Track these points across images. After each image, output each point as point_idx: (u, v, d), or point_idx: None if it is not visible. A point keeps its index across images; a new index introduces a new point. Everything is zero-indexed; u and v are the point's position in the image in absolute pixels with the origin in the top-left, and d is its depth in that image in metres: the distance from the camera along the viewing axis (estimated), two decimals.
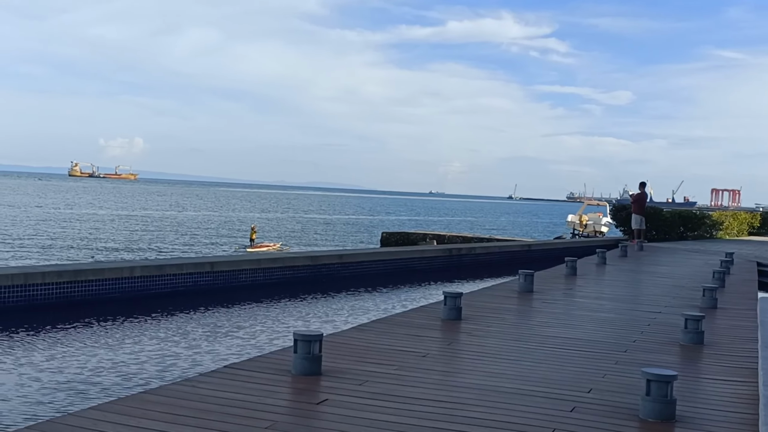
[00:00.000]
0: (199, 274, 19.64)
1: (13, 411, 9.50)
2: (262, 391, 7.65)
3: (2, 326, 14.44)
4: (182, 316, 16.75)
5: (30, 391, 10.41)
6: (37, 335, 14.14)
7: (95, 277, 17.42)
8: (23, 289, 16.17)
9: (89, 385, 10.80)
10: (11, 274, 16.29)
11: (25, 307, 16.02)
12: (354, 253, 26.71)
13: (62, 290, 16.82)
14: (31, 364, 11.88)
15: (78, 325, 15.07)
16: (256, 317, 17.20)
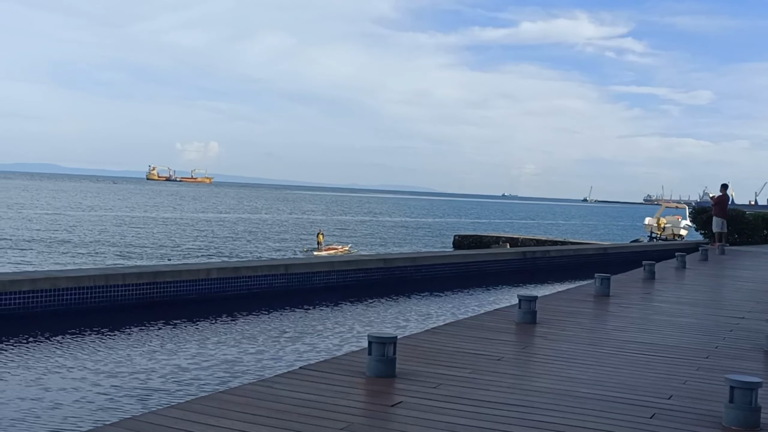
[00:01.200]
0: (273, 276, 19.90)
1: (99, 408, 9.78)
2: (337, 393, 7.69)
3: (85, 326, 14.88)
4: (258, 318, 16.99)
5: (111, 389, 10.69)
6: (119, 335, 14.53)
7: (173, 279, 17.81)
8: (104, 289, 16.65)
9: (169, 384, 11.04)
10: (93, 275, 16.79)
11: (107, 307, 16.48)
12: (427, 255, 26.70)
13: (142, 291, 17.26)
14: (113, 363, 12.21)
15: (158, 326, 15.43)
16: (330, 319, 17.33)
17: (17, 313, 15.11)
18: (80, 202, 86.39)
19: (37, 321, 14.99)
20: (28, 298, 15.39)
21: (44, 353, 12.69)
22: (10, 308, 15.05)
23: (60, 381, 10.97)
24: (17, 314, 15.09)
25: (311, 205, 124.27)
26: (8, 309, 15.01)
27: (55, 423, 9.20)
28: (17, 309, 15.16)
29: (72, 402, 9.99)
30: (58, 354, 12.68)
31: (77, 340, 13.88)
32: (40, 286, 15.63)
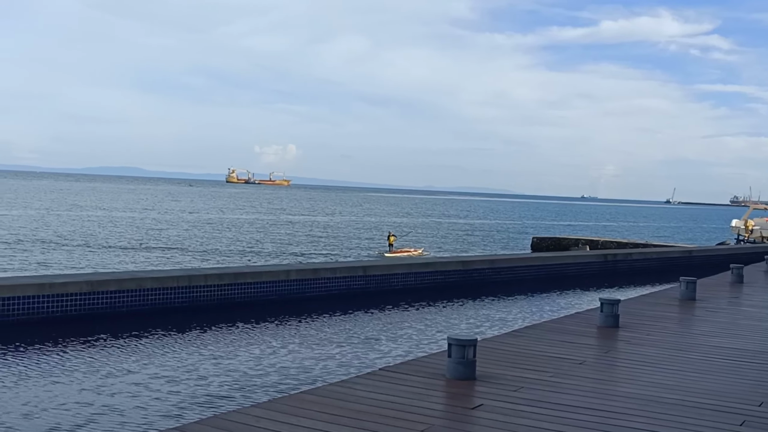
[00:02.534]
0: (352, 278, 20.03)
1: (181, 407, 9.97)
2: (417, 394, 7.66)
3: (169, 325, 15.22)
4: (337, 319, 17.10)
5: (194, 388, 10.90)
6: (202, 334, 14.81)
7: (254, 280, 18.08)
8: (187, 290, 17.00)
9: (251, 383, 11.19)
10: (176, 276, 17.17)
11: (189, 308, 16.83)
12: (505, 257, 26.47)
13: (223, 292, 17.57)
14: (196, 361, 12.45)
15: (239, 326, 15.67)
16: (409, 321, 17.32)
17: (104, 313, 15.56)
18: (157, 205, 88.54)
19: (123, 320, 15.40)
20: (115, 298, 15.84)
21: (131, 351, 13.02)
22: (97, 308, 15.51)
23: (144, 378, 11.24)
24: (104, 314, 15.55)
25: (385, 207, 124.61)
26: (96, 308, 15.47)
27: (141, 417, 9.43)
28: (104, 308, 15.61)
29: (154, 399, 10.22)
30: (144, 352, 12.99)
31: (162, 339, 14.20)
32: (126, 286, 16.06)
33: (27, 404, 9.77)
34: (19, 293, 14.53)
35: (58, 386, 10.64)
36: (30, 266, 27.79)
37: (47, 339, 13.44)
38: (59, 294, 15.05)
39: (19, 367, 11.59)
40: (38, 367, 11.64)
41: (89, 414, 9.48)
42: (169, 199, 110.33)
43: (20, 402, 9.86)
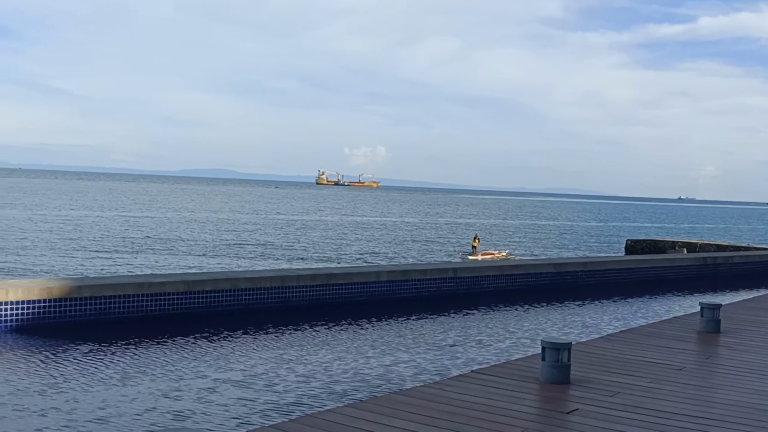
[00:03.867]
0: (442, 280, 19.98)
1: (274, 406, 10.12)
2: (510, 397, 7.59)
3: (262, 325, 15.48)
4: (427, 320, 17.07)
5: (289, 386, 11.04)
6: (294, 334, 15.01)
7: (345, 281, 18.24)
8: (280, 290, 17.27)
9: (341, 383, 11.27)
10: (269, 276, 17.46)
11: (282, 308, 17.09)
12: (598, 260, 25.94)
13: (315, 293, 17.78)
14: (290, 360, 12.62)
15: (330, 326, 15.81)
16: (500, 323, 17.16)
17: (200, 312, 15.94)
18: (245, 206, 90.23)
19: (217, 319, 15.74)
20: (210, 298, 16.21)
21: (226, 350, 13.29)
22: (193, 307, 15.90)
23: (239, 376, 11.45)
24: (200, 313, 15.93)
25: (473, 209, 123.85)
26: (192, 308, 15.87)
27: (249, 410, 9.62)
28: (200, 308, 16.00)
29: (250, 395, 10.39)
30: (238, 351, 13.24)
31: (256, 338, 14.45)
32: (221, 286, 16.41)
33: (135, 400, 10.07)
34: (119, 292, 15.03)
35: (159, 381, 10.94)
36: (125, 267, 28.72)
37: (148, 336, 13.85)
38: (157, 293, 15.50)
39: (123, 363, 11.97)
40: (137, 363, 11.99)
41: (192, 408, 9.71)
42: (258, 201, 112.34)
43: (129, 397, 10.17)
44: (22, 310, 13.87)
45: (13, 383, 10.67)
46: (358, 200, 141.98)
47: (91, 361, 11.98)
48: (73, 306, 14.43)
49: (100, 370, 11.45)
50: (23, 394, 10.15)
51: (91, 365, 11.76)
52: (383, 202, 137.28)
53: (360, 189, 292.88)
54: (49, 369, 11.47)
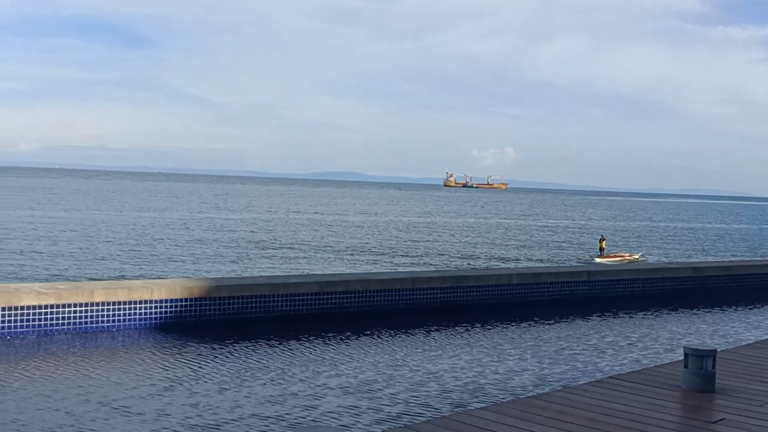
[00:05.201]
0: (575, 283, 19.54)
1: (405, 405, 10.15)
2: (651, 405, 7.32)
3: (394, 326, 15.56)
4: (560, 323, 16.74)
5: (428, 388, 11.05)
6: (426, 335, 15.02)
7: (476, 284, 18.12)
8: (411, 292, 17.34)
9: (471, 385, 11.19)
10: (401, 278, 17.57)
11: (413, 309, 17.14)
12: (744, 264, 24.73)
13: (445, 294, 17.75)
14: (417, 361, 12.63)
15: (461, 328, 15.73)
16: (637, 328, 16.61)
17: (333, 312, 16.21)
18: (370, 208, 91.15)
19: (349, 320, 15.95)
20: (342, 299, 16.46)
21: (356, 349, 13.44)
22: (327, 307, 16.19)
23: (369, 375, 11.55)
24: (333, 313, 16.19)
25: (605, 211, 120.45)
26: (325, 308, 16.16)
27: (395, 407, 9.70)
28: (333, 308, 16.26)
29: (379, 394, 10.46)
30: (369, 350, 13.37)
31: (387, 339, 14.55)
32: (353, 287, 16.63)
33: (272, 396, 10.33)
34: (256, 292, 15.47)
35: (291, 378, 11.18)
36: (258, 267, 29.56)
37: (283, 335, 14.18)
38: (292, 294, 15.86)
39: (263, 359, 12.30)
40: (278, 358, 12.29)
41: (327, 405, 9.87)
42: (382, 203, 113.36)
43: (267, 393, 10.45)
44: (165, 308, 14.49)
45: (151, 377, 11.15)
46: (485, 202, 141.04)
47: (226, 358, 12.37)
48: (212, 305, 14.97)
49: (234, 367, 11.81)
50: (163, 388, 10.59)
51: (226, 362, 12.14)
52: (510, 204, 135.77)
53: (488, 191, 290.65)
54: (189, 365, 11.92)
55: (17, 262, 27.67)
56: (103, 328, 13.85)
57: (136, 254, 31.75)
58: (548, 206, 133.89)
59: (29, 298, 13.20)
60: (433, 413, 9.38)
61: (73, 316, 13.60)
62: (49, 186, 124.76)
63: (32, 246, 33.03)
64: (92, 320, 13.79)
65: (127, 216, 56.66)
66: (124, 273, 25.94)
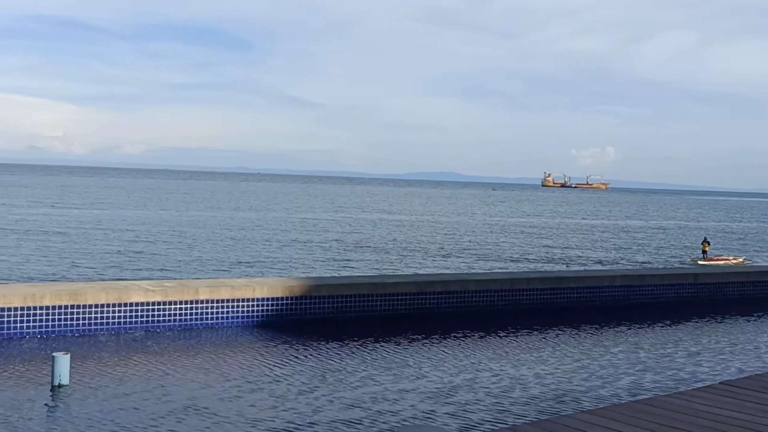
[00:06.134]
0: (681, 286, 18.95)
1: (504, 407, 10.04)
2: (763, 412, 7.02)
3: (492, 327, 15.42)
4: (664, 327, 16.26)
5: (516, 389, 10.92)
6: (526, 336, 14.83)
7: (576, 285, 17.79)
8: (509, 293, 17.15)
9: (572, 388, 10.98)
10: (499, 279, 17.40)
11: (512, 310, 16.95)
12: None
13: (545, 296, 17.48)
14: (516, 362, 12.48)
15: (562, 330, 15.47)
16: (747, 332, 15.98)
17: (431, 312, 16.19)
18: (466, 209, 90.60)
19: (447, 320, 15.90)
20: (441, 299, 16.42)
21: (455, 350, 13.39)
22: (424, 307, 16.18)
23: (470, 377, 11.48)
24: (431, 313, 16.18)
25: (709, 212, 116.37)
26: (423, 308, 16.15)
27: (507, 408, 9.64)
28: (431, 308, 16.25)
29: (481, 395, 10.39)
30: (469, 351, 13.29)
31: (485, 340, 14.44)
32: (451, 288, 16.58)
33: (356, 399, 10.39)
34: (355, 292, 15.59)
35: (391, 377, 11.22)
36: (347, 267, 29.81)
37: (380, 335, 14.24)
38: (391, 294, 15.92)
39: (356, 359, 12.40)
40: (372, 358, 12.36)
41: (419, 404, 9.87)
42: (478, 203, 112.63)
43: (354, 394, 10.52)
44: (267, 306, 14.77)
45: (254, 372, 11.38)
46: (584, 202, 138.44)
47: (321, 358, 12.51)
48: (313, 304, 15.17)
49: (325, 366, 11.93)
50: (269, 383, 10.79)
51: (319, 361, 12.27)
52: (610, 204, 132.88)
53: (587, 191, 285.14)
54: (288, 362, 12.11)
55: (126, 260, 28.76)
56: (207, 325, 14.22)
57: (235, 253, 32.53)
58: (649, 206, 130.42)
59: (138, 295, 13.68)
60: (520, 420, 9.24)
61: (178, 313, 14.02)
62: (151, 186, 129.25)
63: (133, 245, 34.26)
64: (197, 317, 14.18)
65: (224, 215, 58.10)
66: (226, 272, 26.62)
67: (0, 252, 29.69)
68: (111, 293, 13.52)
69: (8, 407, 9.30)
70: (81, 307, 13.25)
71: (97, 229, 41.89)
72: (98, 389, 10.19)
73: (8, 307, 12.73)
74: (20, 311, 12.83)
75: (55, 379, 10.23)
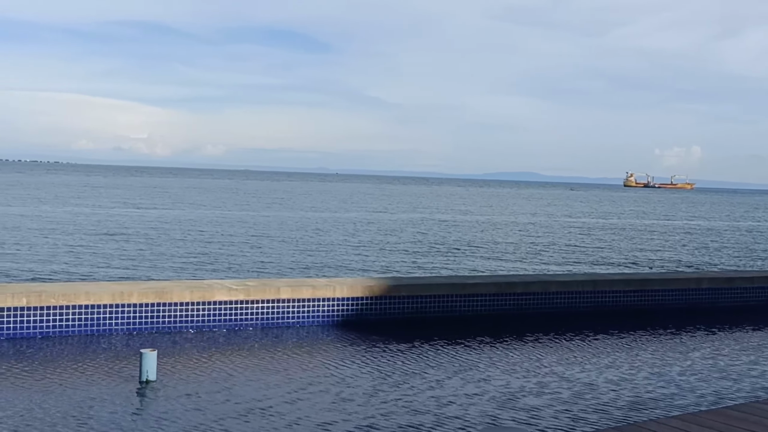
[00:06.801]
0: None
1: (581, 412, 9.87)
2: None
3: (569, 329, 15.19)
4: (753, 332, 15.75)
5: (607, 395, 10.72)
6: (607, 340, 14.55)
7: (661, 287, 17.39)
8: (592, 295, 16.88)
9: (653, 394, 10.72)
10: (581, 280, 17.14)
11: (594, 312, 16.67)
12: None
13: (628, 298, 17.16)
14: (598, 367, 12.25)
15: (643, 333, 15.14)
16: None
17: (511, 314, 16.05)
18: (542, 209, 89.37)
19: (527, 322, 15.74)
20: (521, 300, 16.27)
21: (536, 352, 13.23)
22: (504, 308, 16.05)
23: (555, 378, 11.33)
24: (511, 314, 16.04)
25: None
26: (503, 309, 16.03)
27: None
28: (511, 309, 16.11)
29: (569, 398, 10.24)
30: (551, 353, 13.12)
31: (561, 343, 14.22)
32: (532, 289, 16.41)
33: (427, 401, 10.36)
34: (434, 292, 15.57)
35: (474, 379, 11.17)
36: (424, 268, 29.75)
37: (458, 336, 14.19)
38: (470, 294, 15.85)
39: (440, 360, 12.37)
40: (446, 360, 12.32)
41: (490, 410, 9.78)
42: (556, 203, 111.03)
43: (425, 396, 10.50)
44: (347, 306, 14.87)
45: (328, 372, 11.47)
46: (667, 203, 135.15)
47: (401, 359, 12.53)
48: (392, 304, 15.21)
49: (415, 366, 11.93)
50: (344, 383, 10.87)
51: (400, 362, 12.29)
52: (696, 205, 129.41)
53: (671, 191, 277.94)
54: (365, 362, 12.17)
55: (206, 260, 29.37)
56: (288, 324, 14.40)
57: (310, 253, 32.86)
58: (738, 207, 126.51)
59: (221, 293, 13.94)
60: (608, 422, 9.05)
61: (260, 312, 14.24)
62: (229, 187, 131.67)
63: (211, 246, 34.93)
64: (278, 316, 14.37)
65: (300, 216, 58.76)
66: (303, 271, 26.92)
67: (85, 251, 30.68)
68: (195, 292, 13.82)
69: (98, 400, 9.60)
70: (166, 305, 13.59)
71: (176, 228, 42.90)
72: (184, 386, 10.42)
73: (99, 304, 13.15)
74: (109, 308, 13.24)
75: (143, 375, 10.50)
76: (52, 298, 12.91)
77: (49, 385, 10.28)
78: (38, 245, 32.00)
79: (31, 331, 12.81)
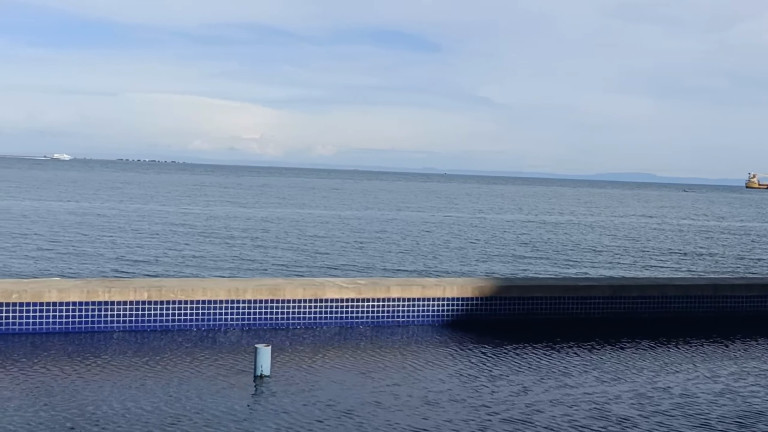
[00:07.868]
0: None
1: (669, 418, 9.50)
2: None
3: (690, 334, 14.66)
4: None
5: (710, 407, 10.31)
6: (724, 347, 13.99)
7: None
8: (711, 299, 16.26)
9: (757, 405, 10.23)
10: (700, 284, 16.55)
11: (713, 317, 16.05)
12: None
13: (750, 303, 16.44)
14: (720, 376, 11.78)
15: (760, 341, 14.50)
16: None
17: (625, 317, 15.62)
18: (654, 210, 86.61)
19: (641, 326, 15.31)
20: (636, 303, 15.80)
21: (649, 355, 12.82)
22: (619, 311, 15.63)
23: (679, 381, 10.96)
24: (625, 318, 15.61)
25: None
26: (618, 312, 15.61)
27: None
28: (626, 312, 15.68)
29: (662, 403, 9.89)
30: (662, 359, 12.70)
31: (680, 348, 13.74)
32: (648, 292, 15.94)
33: (532, 405, 10.15)
34: (546, 293, 15.31)
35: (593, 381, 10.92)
36: (529, 269, 29.29)
37: (575, 338, 13.90)
38: (583, 296, 15.51)
39: (549, 362, 12.15)
40: (554, 361, 12.08)
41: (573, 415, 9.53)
42: (668, 205, 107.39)
43: (513, 402, 10.30)
44: (456, 306, 14.78)
45: (442, 372, 11.40)
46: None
47: (517, 357, 12.36)
48: (502, 305, 15.03)
49: (521, 366, 11.76)
50: (455, 383, 10.79)
51: (518, 361, 12.13)
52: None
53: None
54: (476, 362, 12.06)
55: (316, 257, 29.84)
56: (398, 322, 14.43)
57: (415, 253, 32.93)
58: None
59: (332, 291, 14.09)
60: None
61: (370, 311, 14.31)
62: (337, 186, 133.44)
63: (312, 244, 35.43)
64: (388, 315, 14.42)
65: (405, 215, 58.93)
66: (410, 270, 26.98)
67: (196, 249, 31.66)
68: (308, 289, 14.01)
69: (215, 394, 9.84)
70: (279, 302, 13.83)
71: (279, 227, 43.76)
72: (297, 382, 10.57)
73: (215, 299, 13.51)
74: (225, 304, 13.57)
75: (258, 370, 10.71)
76: (172, 293, 13.34)
77: (171, 378, 10.60)
78: (148, 245, 33.28)
79: (152, 324, 13.27)
